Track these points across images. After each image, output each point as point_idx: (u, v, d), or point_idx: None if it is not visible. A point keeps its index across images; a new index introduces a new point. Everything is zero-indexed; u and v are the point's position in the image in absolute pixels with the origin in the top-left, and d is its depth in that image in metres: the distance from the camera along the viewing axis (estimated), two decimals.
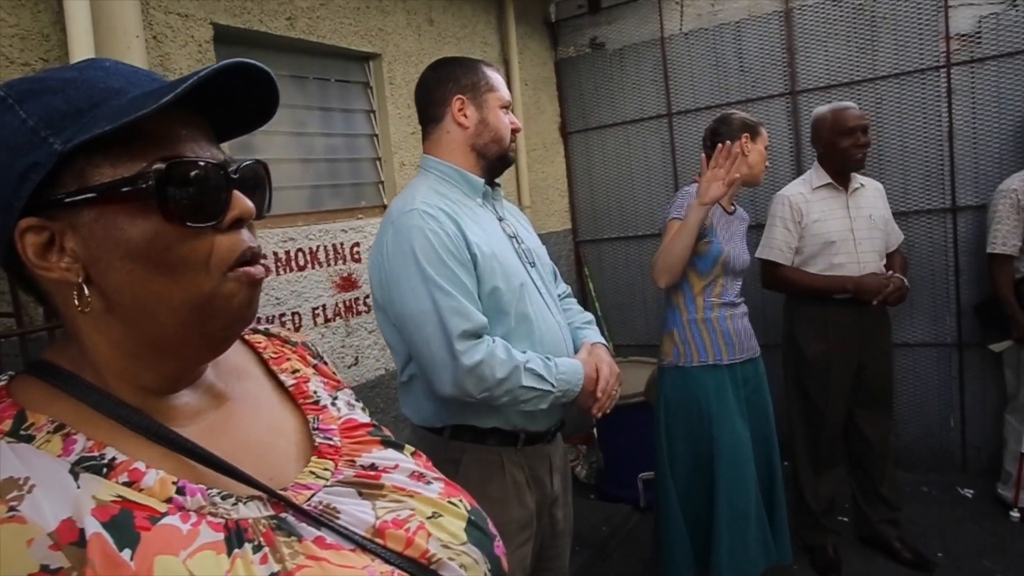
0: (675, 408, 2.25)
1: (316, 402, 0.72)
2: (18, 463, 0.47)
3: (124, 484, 0.50)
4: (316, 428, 0.68)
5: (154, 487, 0.50)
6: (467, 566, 0.61)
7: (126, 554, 0.45)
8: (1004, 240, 2.73)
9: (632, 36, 3.70)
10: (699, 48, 3.53)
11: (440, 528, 0.62)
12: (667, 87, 3.62)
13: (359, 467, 0.65)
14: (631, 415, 3.06)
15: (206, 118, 0.60)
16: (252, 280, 0.57)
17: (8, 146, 0.50)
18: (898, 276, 2.47)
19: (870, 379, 2.59)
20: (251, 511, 0.54)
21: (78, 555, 0.44)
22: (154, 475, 0.51)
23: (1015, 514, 2.78)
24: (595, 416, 1.54)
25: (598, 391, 1.50)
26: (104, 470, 0.50)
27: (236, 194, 0.56)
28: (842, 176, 2.58)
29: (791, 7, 3.28)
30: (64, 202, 0.51)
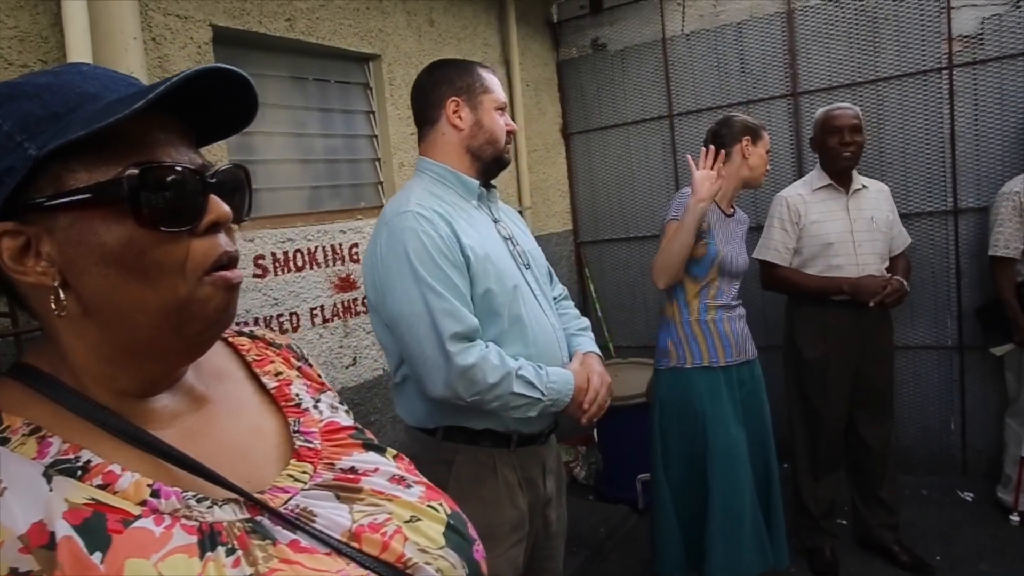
0: (670, 409, 2.25)
1: (298, 405, 0.72)
2: None
3: (98, 487, 0.50)
4: (297, 431, 0.68)
5: (129, 490, 0.51)
6: (444, 570, 0.61)
7: (96, 557, 0.45)
8: (1006, 243, 2.72)
9: (634, 37, 3.69)
10: (701, 49, 3.52)
11: (417, 532, 0.62)
12: (668, 88, 3.62)
13: (338, 470, 0.66)
14: (630, 417, 3.06)
15: (187, 122, 0.60)
16: (228, 284, 0.57)
17: None
18: (897, 279, 2.47)
19: (870, 382, 2.58)
20: (226, 514, 0.54)
21: (48, 558, 0.44)
22: (129, 478, 0.51)
23: (1015, 518, 2.77)
24: (583, 424, 1.55)
25: (585, 402, 1.51)
26: (78, 473, 0.50)
27: (213, 198, 0.57)
28: (842, 177, 2.58)
29: (793, 8, 3.27)
30: (40, 206, 0.51)
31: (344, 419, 0.75)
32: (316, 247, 2.35)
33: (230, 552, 0.51)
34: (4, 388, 0.55)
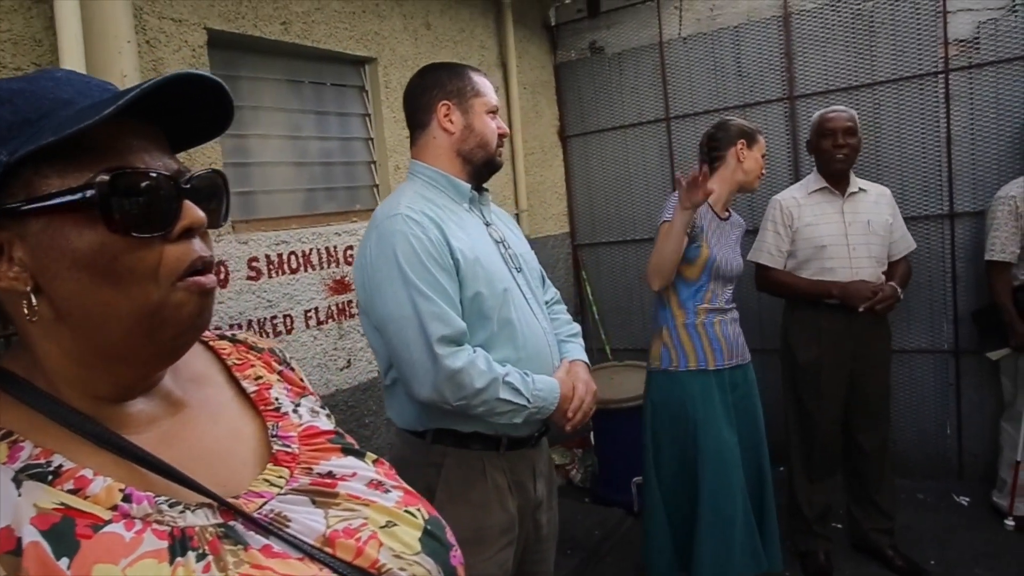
0: (662, 412, 2.25)
1: (277, 409, 0.72)
2: None
3: (69, 491, 0.50)
4: (275, 435, 0.68)
5: (100, 494, 0.51)
6: None
7: (63, 563, 0.45)
8: (1002, 247, 2.72)
9: (631, 40, 3.70)
10: (698, 52, 3.53)
11: (393, 538, 0.62)
12: (665, 91, 3.62)
13: (315, 475, 0.66)
14: (626, 419, 3.06)
15: (165, 127, 0.60)
16: (202, 289, 0.57)
17: None
18: (891, 285, 2.46)
19: (865, 386, 2.58)
20: (199, 519, 0.54)
21: (13, 564, 0.44)
22: (101, 482, 0.52)
23: (1010, 522, 2.76)
24: (567, 431, 1.57)
25: (570, 411, 1.52)
26: (49, 477, 0.50)
27: (187, 204, 0.57)
28: (837, 180, 2.57)
29: (790, 12, 3.28)
30: (12, 212, 0.51)
31: (324, 423, 0.75)
32: (311, 249, 2.36)
33: (200, 557, 0.51)
34: None
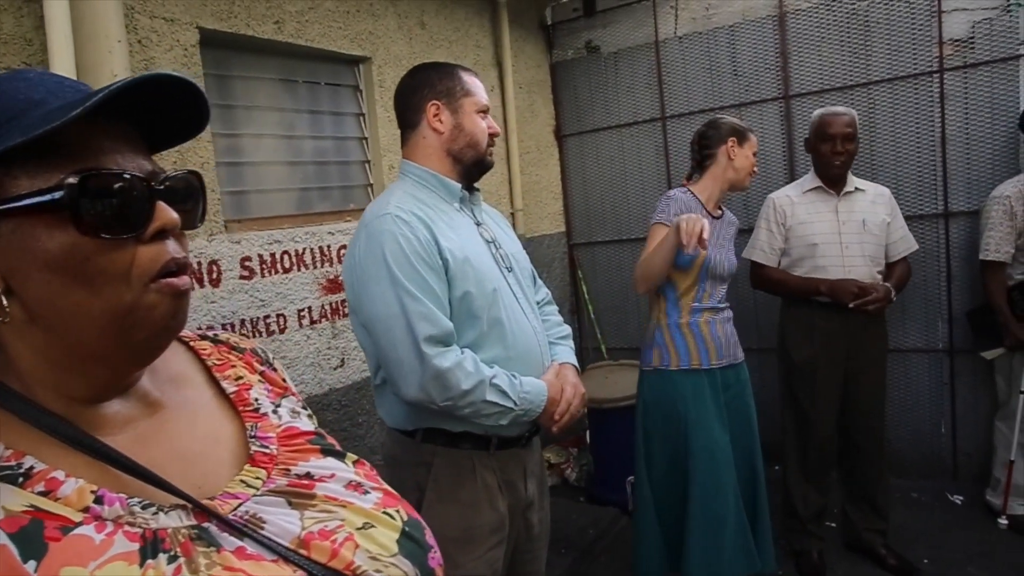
0: (653, 411, 2.25)
1: (256, 410, 0.72)
2: None
3: (39, 493, 0.50)
4: (253, 436, 0.68)
5: (71, 496, 0.51)
6: None
7: (30, 566, 0.45)
8: (997, 247, 2.72)
9: (627, 39, 3.70)
10: (693, 52, 3.53)
11: (370, 540, 0.62)
12: (661, 91, 3.62)
13: (293, 476, 0.65)
14: (621, 419, 3.06)
15: (141, 128, 0.60)
16: (176, 291, 0.57)
17: None
18: (884, 285, 2.46)
19: (860, 385, 2.58)
20: (172, 521, 0.54)
21: None
22: (72, 484, 0.51)
23: (1003, 521, 2.77)
24: (553, 433, 1.57)
25: (556, 414, 1.52)
26: (20, 479, 0.50)
27: (160, 205, 0.56)
28: (832, 180, 2.58)
29: (785, 11, 3.28)
30: None
31: (305, 424, 0.75)
32: (304, 249, 2.36)
33: (172, 559, 0.51)
34: None
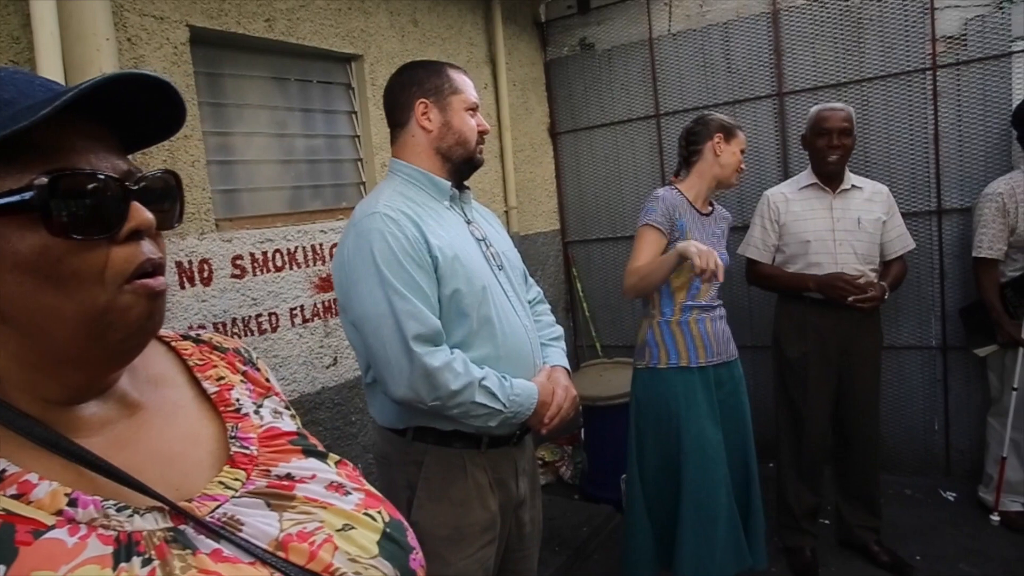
0: (646, 410, 2.25)
1: (237, 410, 0.71)
2: None
3: (12, 497, 0.50)
4: (234, 437, 0.68)
5: (44, 499, 0.50)
6: None
7: (0, 570, 0.45)
8: (990, 244, 2.72)
9: (621, 37, 3.70)
10: (687, 49, 3.52)
11: (349, 541, 0.61)
12: (655, 88, 3.62)
13: (273, 477, 0.65)
14: (616, 416, 3.06)
15: (117, 127, 0.60)
16: (151, 292, 0.57)
17: None
18: (880, 284, 2.46)
19: (854, 383, 2.58)
20: (147, 523, 0.54)
21: None
22: (46, 487, 0.51)
23: (995, 518, 2.77)
24: (541, 435, 1.58)
25: (546, 417, 1.52)
26: None
27: (135, 205, 0.56)
28: (829, 177, 2.57)
29: (779, 8, 3.28)
30: None
31: (287, 424, 0.75)
32: (296, 247, 2.35)
33: (146, 562, 0.51)
34: None
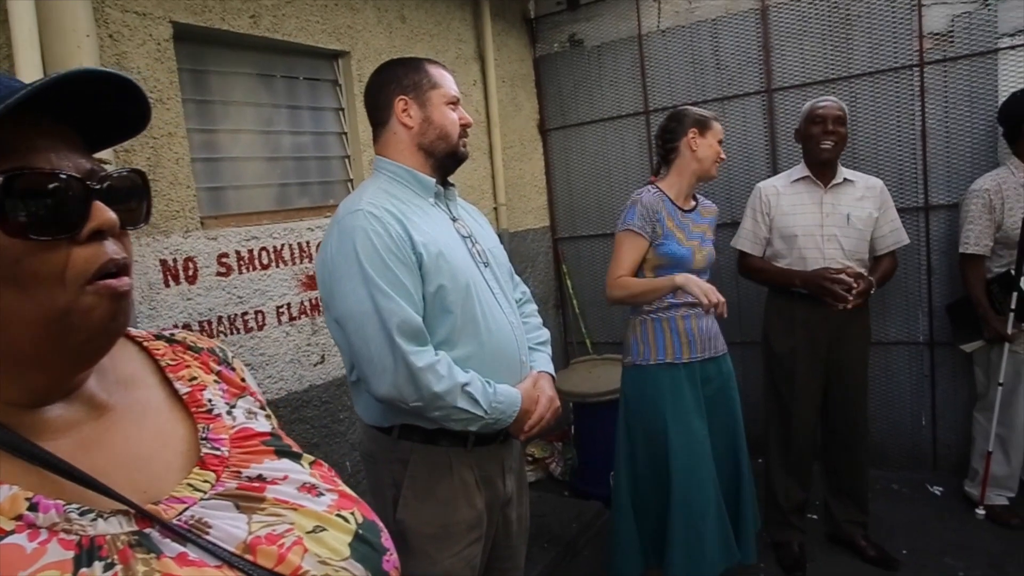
0: (633, 406, 2.25)
1: (209, 411, 0.70)
2: None
3: None
4: (205, 438, 0.67)
5: (3, 504, 0.50)
6: None
7: None
8: (976, 240, 2.73)
9: (610, 33, 3.69)
10: (676, 45, 3.52)
11: (320, 543, 0.61)
12: (644, 84, 3.62)
13: (244, 479, 0.64)
14: (605, 413, 3.06)
15: (82, 125, 0.59)
16: (114, 293, 0.56)
17: None
18: (868, 278, 2.46)
19: (842, 378, 2.59)
20: (111, 527, 0.53)
21: None
22: (6, 491, 0.50)
23: (981, 512, 2.79)
24: (520, 440, 1.59)
25: (527, 425, 1.52)
26: None
27: (97, 205, 0.55)
28: (822, 170, 2.57)
29: (767, 5, 3.28)
30: None
31: (261, 425, 0.74)
32: (283, 245, 2.34)
33: (108, 567, 0.50)
34: None
